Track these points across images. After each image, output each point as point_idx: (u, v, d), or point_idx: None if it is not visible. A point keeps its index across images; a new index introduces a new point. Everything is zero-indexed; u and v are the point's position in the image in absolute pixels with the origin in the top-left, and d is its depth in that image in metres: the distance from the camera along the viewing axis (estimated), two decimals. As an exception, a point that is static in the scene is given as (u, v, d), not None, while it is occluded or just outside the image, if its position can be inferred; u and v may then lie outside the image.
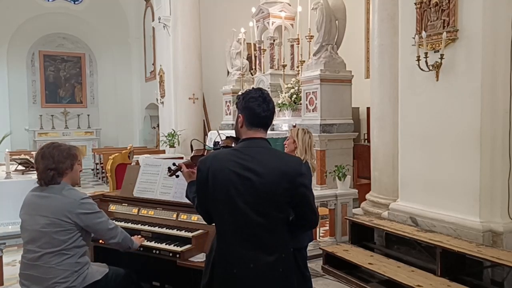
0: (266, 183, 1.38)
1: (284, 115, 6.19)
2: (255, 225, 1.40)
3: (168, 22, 8.32)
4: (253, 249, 1.40)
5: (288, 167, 1.42)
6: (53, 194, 1.86)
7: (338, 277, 3.25)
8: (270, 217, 1.41)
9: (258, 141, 1.46)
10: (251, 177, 1.38)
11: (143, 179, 2.58)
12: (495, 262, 2.51)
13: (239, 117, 1.49)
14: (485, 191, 2.86)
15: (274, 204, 1.40)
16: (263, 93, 1.48)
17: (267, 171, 1.39)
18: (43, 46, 11.87)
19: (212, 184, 1.42)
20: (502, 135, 2.88)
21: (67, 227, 1.82)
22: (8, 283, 2.77)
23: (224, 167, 1.41)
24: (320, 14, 5.25)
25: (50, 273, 1.80)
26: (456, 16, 2.93)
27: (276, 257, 1.42)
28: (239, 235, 1.41)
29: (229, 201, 1.40)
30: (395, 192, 3.72)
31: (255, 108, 1.44)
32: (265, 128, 1.49)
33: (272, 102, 1.50)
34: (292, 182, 1.40)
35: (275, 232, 1.42)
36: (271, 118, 1.49)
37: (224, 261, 1.45)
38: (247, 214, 1.39)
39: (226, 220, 1.43)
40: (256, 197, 1.39)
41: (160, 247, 2.18)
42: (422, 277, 2.73)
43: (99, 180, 9.42)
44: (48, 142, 2.00)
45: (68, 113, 12.19)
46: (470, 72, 2.88)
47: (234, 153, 1.44)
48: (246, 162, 1.40)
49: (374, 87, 4.21)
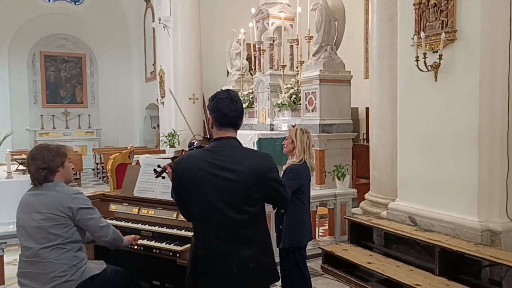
0: (238, 180, 1.44)
1: (283, 115, 6.20)
2: (231, 221, 1.45)
3: (168, 23, 8.34)
4: (230, 243, 1.46)
5: (258, 164, 1.49)
6: (47, 191, 1.90)
7: (337, 276, 3.26)
8: (244, 213, 1.46)
9: (228, 140, 1.52)
10: (222, 175, 1.44)
11: (143, 179, 2.60)
12: (494, 262, 2.52)
13: (209, 119, 1.56)
14: (484, 191, 2.87)
15: (247, 199, 1.46)
16: (230, 94, 1.54)
17: (238, 169, 1.45)
18: (44, 47, 11.90)
19: (188, 183, 1.49)
20: (500, 135, 2.89)
21: (62, 221, 1.85)
22: (9, 282, 2.78)
23: (197, 166, 1.48)
24: (320, 15, 5.27)
25: (49, 267, 1.82)
26: (454, 17, 2.95)
27: (253, 250, 1.48)
28: (216, 231, 1.47)
29: (205, 199, 1.46)
30: (394, 191, 3.73)
31: (223, 108, 1.50)
32: (234, 127, 1.55)
33: (240, 102, 1.56)
34: (262, 178, 1.48)
35: (250, 226, 1.48)
36: (239, 117, 1.55)
37: (203, 257, 1.50)
38: (222, 211, 1.44)
39: (203, 217, 1.49)
40: (230, 194, 1.45)
41: (160, 247, 2.20)
42: (420, 276, 2.74)
43: (99, 180, 9.44)
44: (37, 145, 2.06)
45: (68, 113, 12.22)
46: (469, 72, 2.89)
47: (206, 153, 1.50)
48: (217, 161, 1.46)
49: (373, 87, 4.22)
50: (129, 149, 4.56)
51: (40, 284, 1.83)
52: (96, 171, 9.98)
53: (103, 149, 10.25)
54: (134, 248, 2.23)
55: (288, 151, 2.53)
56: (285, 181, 2.42)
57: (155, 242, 2.24)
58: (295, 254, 2.43)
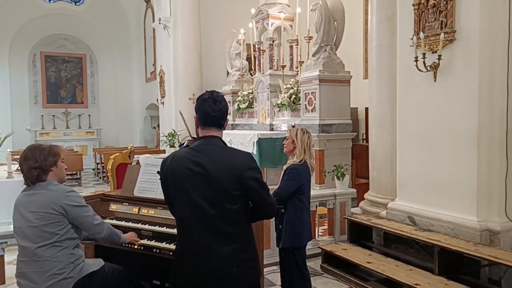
0: (216, 177, 1.49)
1: (283, 115, 6.21)
2: (212, 217, 1.49)
3: (168, 23, 8.36)
4: (212, 240, 1.50)
5: (237, 162, 1.52)
6: (40, 191, 1.91)
7: (337, 275, 3.27)
8: (224, 209, 1.50)
9: (210, 139, 1.57)
10: (202, 172, 1.49)
11: (143, 179, 2.61)
12: (493, 261, 2.53)
13: (195, 119, 1.62)
14: (483, 191, 2.88)
15: (226, 196, 1.50)
16: (213, 95, 1.59)
17: (216, 166, 1.50)
18: (44, 47, 11.93)
19: (171, 181, 1.55)
20: (499, 135, 2.90)
21: (56, 219, 1.86)
22: (9, 282, 2.79)
23: (180, 164, 1.54)
24: (319, 15, 5.28)
25: (46, 266, 1.83)
26: (453, 17, 2.96)
27: (234, 247, 1.51)
28: (198, 227, 1.51)
29: (186, 196, 1.51)
30: (393, 191, 3.74)
31: (206, 108, 1.56)
32: (218, 126, 1.59)
33: (224, 102, 1.60)
34: (240, 176, 1.50)
35: (231, 223, 1.52)
36: (222, 117, 1.59)
37: (185, 252, 1.55)
38: (203, 207, 1.49)
39: (185, 214, 1.53)
40: (209, 190, 1.49)
41: (161, 246, 2.20)
42: (420, 276, 2.75)
43: (100, 179, 9.46)
44: (29, 145, 2.06)
45: (69, 113, 12.24)
46: (468, 72, 2.90)
47: (188, 151, 1.56)
48: (197, 158, 1.51)
49: (373, 87, 4.23)
50: (129, 149, 4.57)
51: (39, 283, 1.84)
52: (96, 171, 10.00)
53: (103, 149, 10.27)
54: (134, 247, 2.24)
55: (288, 151, 2.54)
56: (285, 181, 2.44)
57: (155, 242, 2.24)
58: (295, 253, 2.44)
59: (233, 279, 1.51)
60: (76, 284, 1.88)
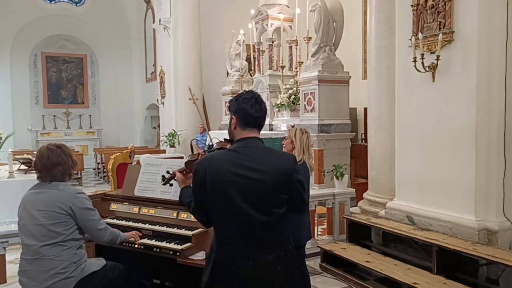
0: (265, 181, 1.41)
1: (282, 116, 6.23)
2: (256, 223, 1.42)
3: (169, 24, 8.39)
4: (253, 247, 1.42)
5: (285, 165, 1.47)
6: (49, 190, 1.91)
7: (336, 274, 3.29)
8: (271, 214, 1.43)
9: (253, 140, 1.49)
10: (250, 175, 1.41)
11: (144, 178, 2.62)
12: (490, 260, 2.55)
13: (232, 119, 1.53)
14: (481, 190, 2.89)
15: (273, 201, 1.44)
16: (255, 95, 1.53)
17: (265, 169, 1.42)
18: (46, 48, 11.97)
19: (211, 185, 1.43)
20: (497, 135, 2.91)
21: (63, 219, 1.87)
22: (11, 281, 2.81)
23: (222, 167, 1.43)
24: (318, 16, 5.30)
25: (50, 264, 1.84)
26: (452, 18, 2.97)
27: (276, 255, 1.44)
28: (240, 234, 1.43)
29: (229, 201, 1.41)
30: (392, 191, 3.75)
31: (248, 109, 1.48)
32: (259, 128, 1.53)
33: (264, 103, 1.55)
34: (289, 180, 1.46)
35: (275, 229, 1.45)
36: (263, 118, 1.53)
37: (224, 260, 1.46)
38: (247, 213, 1.41)
39: (227, 220, 1.44)
40: (256, 195, 1.41)
41: (161, 245, 2.22)
42: (418, 275, 2.76)
43: (100, 179, 9.48)
44: (60, 143, 2.06)
45: (70, 113, 12.28)
46: (466, 73, 2.91)
47: (231, 154, 1.46)
48: (244, 161, 1.43)
49: (371, 88, 4.23)
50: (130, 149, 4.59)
51: (41, 282, 1.85)
52: (97, 170, 10.02)
53: (104, 149, 10.30)
54: (134, 246, 2.25)
55: (287, 152, 2.54)
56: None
57: (156, 241, 2.25)
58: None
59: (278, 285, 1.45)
60: (78, 284, 1.89)
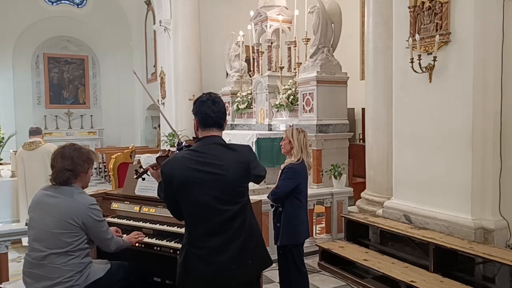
0: (225, 174, 1.52)
1: (281, 116, 6.27)
2: (222, 214, 1.52)
3: (169, 25, 8.43)
4: (221, 237, 1.53)
5: (242, 157, 1.59)
6: (64, 196, 1.86)
7: (334, 273, 3.32)
8: (235, 204, 1.54)
9: (212, 138, 1.59)
10: (211, 171, 1.51)
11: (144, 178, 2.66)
12: (487, 259, 2.58)
13: (194, 121, 1.63)
14: (477, 190, 2.92)
15: (235, 191, 1.55)
16: (211, 96, 1.62)
17: (223, 164, 1.53)
18: (48, 49, 12.04)
19: (177, 185, 1.53)
20: (493, 135, 2.94)
21: (74, 229, 1.83)
22: (14, 279, 2.84)
23: (184, 166, 1.53)
24: (317, 18, 5.33)
25: (55, 272, 1.82)
26: (448, 20, 3.00)
27: (242, 240, 1.55)
28: (208, 226, 1.53)
29: (194, 197, 1.51)
30: (389, 190, 3.78)
31: (206, 110, 1.59)
32: (218, 126, 1.62)
33: (222, 103, 1.64)
34: (247, 169, 1.59)
35: (239, 215, 1.56)
36: (222, 117, 1.62)
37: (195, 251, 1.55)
38: (212, 206, 1.51)
39: (195, 215, 1.55)
40: (219, 188, 1.51)
41: (161, 244, 2.24)
42: (415, 273, 2.79)
43: (101, 178, 9.53)
44: (69, 143, 2.00)
45: (71, 113, 12.34)
46: (462, 73, 2.94)
47: (192, 153, 1.57)
48: (202, 158, 1.53)
49: (369, 88, 4.26)
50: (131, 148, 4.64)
51: (45, 286, 1.82)
52: (98, 170, 10.06)
53: (105, 149, 10.36)
54: (135, 245, 2.26)
55: (286, 152, 2.57)
56: (283, 180, 2.49)
57: (156, 240, 2.28)
58: (293, 251, 2.47)
59: (248, 272, 1.57)
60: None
